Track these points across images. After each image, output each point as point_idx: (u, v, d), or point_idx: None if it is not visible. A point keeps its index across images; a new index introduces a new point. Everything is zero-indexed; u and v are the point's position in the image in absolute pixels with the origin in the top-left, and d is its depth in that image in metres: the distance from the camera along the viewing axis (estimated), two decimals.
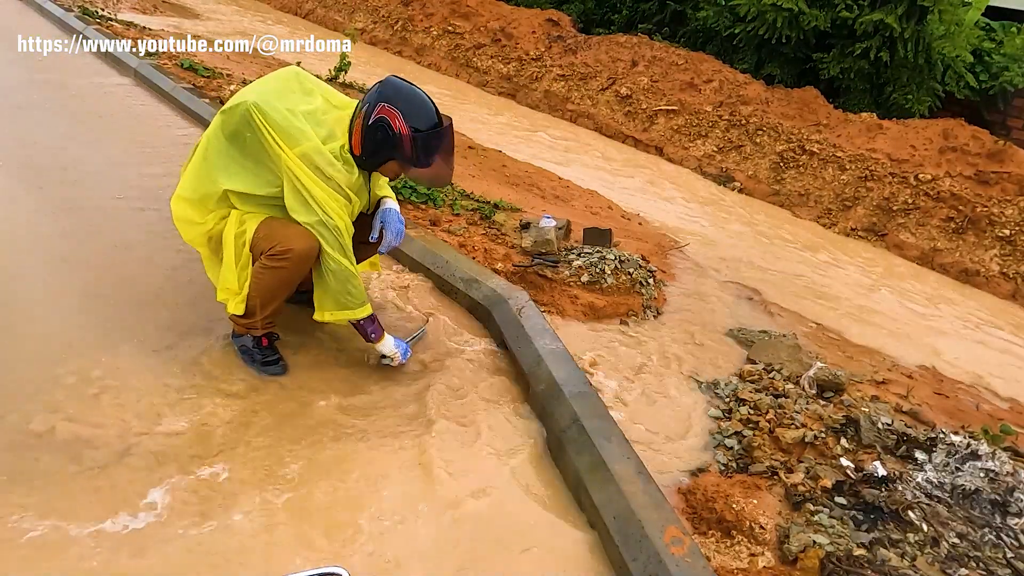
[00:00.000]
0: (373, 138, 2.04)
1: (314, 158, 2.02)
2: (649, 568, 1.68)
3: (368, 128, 2.04)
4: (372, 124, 2.03)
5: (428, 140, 2.04)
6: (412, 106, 2.04)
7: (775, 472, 2.21)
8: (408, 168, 2.12)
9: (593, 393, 2.31)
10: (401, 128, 2.01)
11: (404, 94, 2.05)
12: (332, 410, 2.21)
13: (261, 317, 2.20)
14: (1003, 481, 2.19)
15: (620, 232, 3.98)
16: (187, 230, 2.28)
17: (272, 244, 2.07)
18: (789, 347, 3.06)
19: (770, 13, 6.35)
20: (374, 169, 2.18)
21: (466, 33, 8.18)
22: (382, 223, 2.32)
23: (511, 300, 2.78)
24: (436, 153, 2.07)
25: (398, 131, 2.01)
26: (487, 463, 2.10)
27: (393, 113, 2.01)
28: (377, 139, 2.04)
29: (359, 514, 1.84)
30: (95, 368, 2.18)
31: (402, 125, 2.00)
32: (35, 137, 3.90)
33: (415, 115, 2.03)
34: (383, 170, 2.20)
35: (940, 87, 6.43)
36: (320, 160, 2.03)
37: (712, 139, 6.40)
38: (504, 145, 5.63)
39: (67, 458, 1.84)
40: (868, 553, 1.87)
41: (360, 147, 2.08)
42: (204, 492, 1.82)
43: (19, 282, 2.55)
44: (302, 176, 2.03)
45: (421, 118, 2.03)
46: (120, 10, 7.79)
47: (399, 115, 2.01)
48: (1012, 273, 4.93)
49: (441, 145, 2.07)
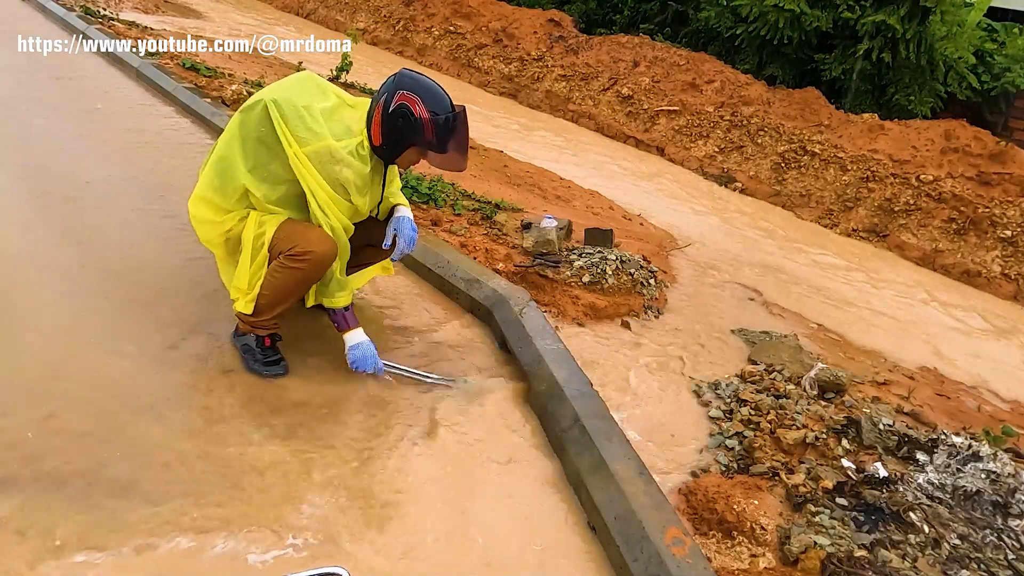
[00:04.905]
0: (394, 125, 2.08)
1: (323, 158, 2.07)
2: (650, 569, 1.68)
3: (389, 116, 2.08)
4: (393, 112, 2.07)
5: (447, 124, 2.08)
6: (430, 93, 2.09)
7: (776, 473, 2.21)
8: (426, 154, 2.16)
9: (594, 393, 2.31)
10: (422, 113, 2.05)
11: (421, 83, 2.11)
12: (331, 411, 2.21)
13: (269, 317, 2.21)
14: (1004, 482, 2.18)
15: (621, 232, 3.98)
16: (204, 230, 2.30)
17: (292, 245, 2.10)
18: (790, 348, 3.06)
19: (772, 14, 6.35)
20: (394, 158, 2.19)
21: (468, 33, 8.18)
22: (395, 231, 2.35)
23: (512, 300, 2.78)
24: (453, 138, 2.12)
25: (419, 116, 2.05)
26: (487, 463, 2.10)
27: (413, 99, 2.06)
28: (398, 125, 2.08)
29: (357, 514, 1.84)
30: (97, 368, 2.18)
31: (422, 110, 2.05)
32: (36, 138, 3.90)
33: (433, 101, 2.08)
34: (401, 160, 2.21)
35: (942, 88, 6.42)
36: (330, 160, 2.07)
37: (713, 140, 6.40)
38: (505, 145, 5.63)
39: (68, 457, 1.84)
40: (869, 554, 1.87)
41: (381, 136, 2.11)
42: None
43: (21, 283, 2.55)
44: (308, 175, 2.07)
45: (438, 104, 2.08)
46: (122, 9, 7.80)
47: (419, 101, 2.06)
48: (1014, 274, 4.92)
49: (458, 129, 2.12)
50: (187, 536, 1.68)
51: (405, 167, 2.32)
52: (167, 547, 1.64)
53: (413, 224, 2.39)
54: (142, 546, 1.63)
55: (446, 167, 2.20)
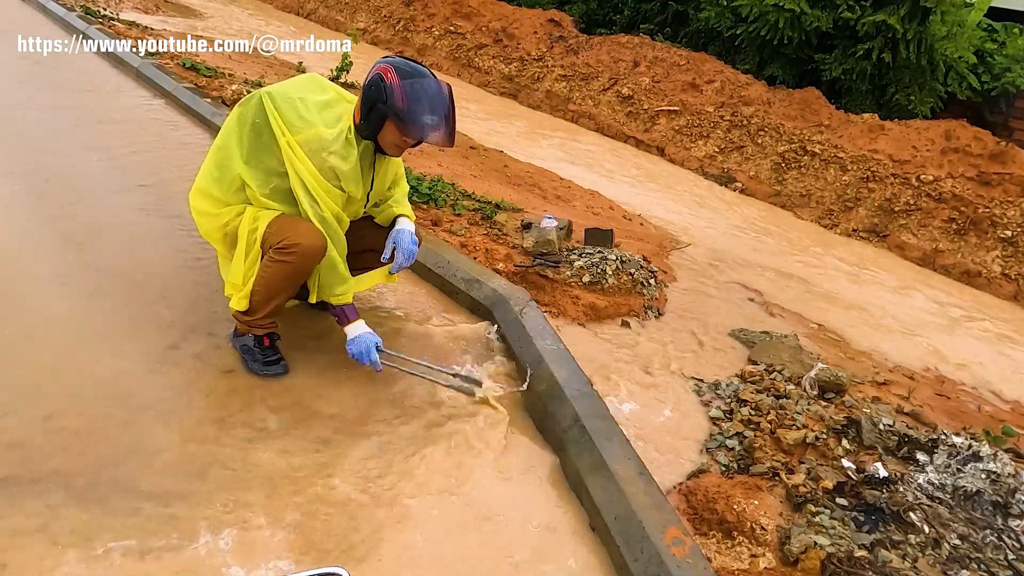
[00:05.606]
0: (368, 95, 2.06)
1: (313, 145, 2.07)
2: (650, 569, 1.68)
3: (365, 89, 2.08)
4: (368, 82, 2.08)
5: (416, 88, 2.03)
6: (408, 65, 2.08)
7: (776, 473, 2.21)
8: (404, 127, 2.05)
9: (594, 393, 2.31)
10: (392, 79, 2.02)
11: (400, 58, 2.12)
12: (331, 411, 2.21)
13: (263, 315, 2.20)
14: (1004, 483, 2.18)
15: (621, 232, 3.98)
16: (203, 223, 2.31)
17: (280, 238, 2.10)
18: (790, 348, 3.06)
19: (772, 14, 6.35)
20: (374, 134, 2.12)
21: (468, 33, 8.19)
22: (395, 244, 2.35)
23: (512, 300, 2.78)
24: (428, 108, 2.04)
25: (389, 82, 2.02)
26: (487, 463, 2.10)
27: (386, 68, 2.05)
28: (371, 94, 2.05)
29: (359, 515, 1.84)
30: (97, 368, 2.18)
31: (393, 77, 2.03)
32: (36, 139, 3.90)
33: (406, 71, 2.05)
34: (385, 141, 2.13)
35: (942, 88, 6.42)
36: (319, 147, 2.07)
37: (713, 140, 6.40)
38: (505, 145, 5.63)
39: (68, 457, 1.84)
40: (869, 554, 1.87)
41: (359, 112, 2.11)
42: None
43: (22, 284, 2.55)
44: (300, 164, 2.08)
45: (413, 73, 2.06)
46: (122, 9, 7.80)
47: (391, 68, 2.04)
48: (1014, 274, 4.92)
49: (433, 97, 2.05)
50: (187, 536, 1.68)
51: (393, 152, 2.21)
52: (168, 547, 1.64)
53: (414, 238, 2.37)
54: (143, 546, 1.63)
55: (423, 137, 2.08)
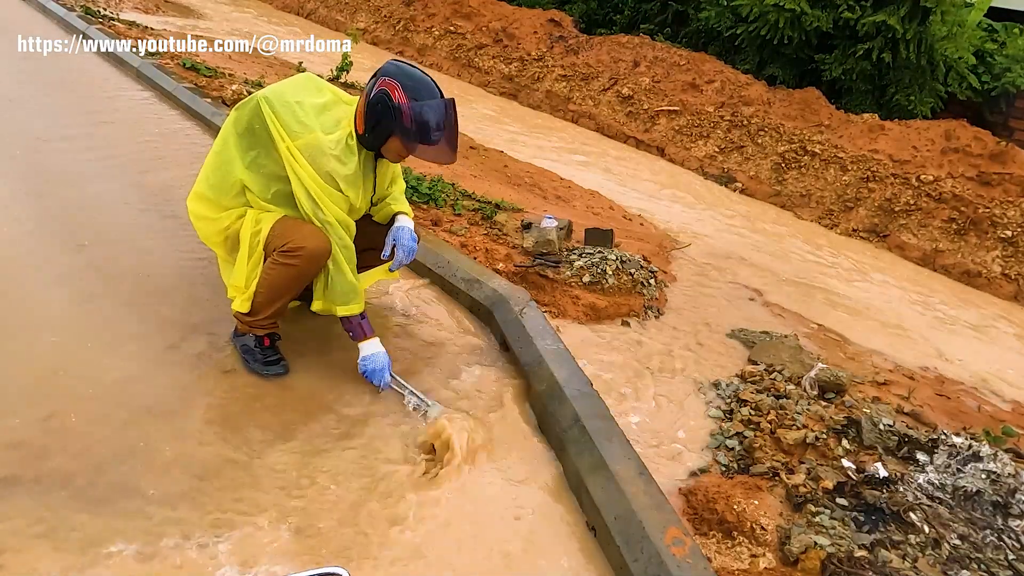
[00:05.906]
0: (374, 111, 2.06)
1: (312, 150, 2.06)
2: (650, 569, 1.68)
3: (369, 103, 2.07)
4: (373, 98, 2.06)
5: (426, 111, 2.04)
6: (412, 80, 2.06)
7: (776, 473, 2.21)
8: (410, 144, 2.10)
9: (594, 393, 2.31)
10: (400, 99, 2.02)
11: (404, 70, 2.09)
12: (331, 412, 2.21)
13: (265, 316, 2.21)
14: (1005, 483, 2.18)
15: (621, 232, 3.98)
16: (203, 227, 2.31)
17: (285, 241, 2.10)
18: (790, 348, 3.06)
19: (772, 14, 6.35)
20: (378, 146, 2.15)
21: (468, 33, 8.19)
22: (394, 241, 2.35)
23: (512, 300, 2.78)
24: (435, 127, 2.06)
25: (397, 102, 2.02)
26: (487, 463, 2.10)
27: (393, 85, 2.04)
28: (377, 111, 2.06)
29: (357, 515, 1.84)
30: (97, 368, 2.18)
31: (401, 96, 2.02)
32: (36, 139, 3.90)
33: (414, 88, 2.05)
34: (387, 151, 2.17)
35: (942, 88, 6.42)
36: (318, 153, 2.06)
37: (714, 140, 6.40)
38: (505, 145, 5.63)
39: (68, 457, 1.84)
40: (869, 554, 1.87)
41: (363, 124, 2.10)
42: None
43: (21, 283, 2.55)
44: (300, 168, 2.07)
45: (420, 92, 2.05)
46: (122, 9, 7.80)
47: (399, 87, 2.03)
48: (1014, 274, 4.92)
49: (439, 118, 2.07)
50: (188, 536, 1.68)
51: (394, 159, 2.25)
52: (168, 547, 1.64)
53: (413, 235, 2.38)
54: (143, 546, 1.63)
55: (430, 159, 2.14)
